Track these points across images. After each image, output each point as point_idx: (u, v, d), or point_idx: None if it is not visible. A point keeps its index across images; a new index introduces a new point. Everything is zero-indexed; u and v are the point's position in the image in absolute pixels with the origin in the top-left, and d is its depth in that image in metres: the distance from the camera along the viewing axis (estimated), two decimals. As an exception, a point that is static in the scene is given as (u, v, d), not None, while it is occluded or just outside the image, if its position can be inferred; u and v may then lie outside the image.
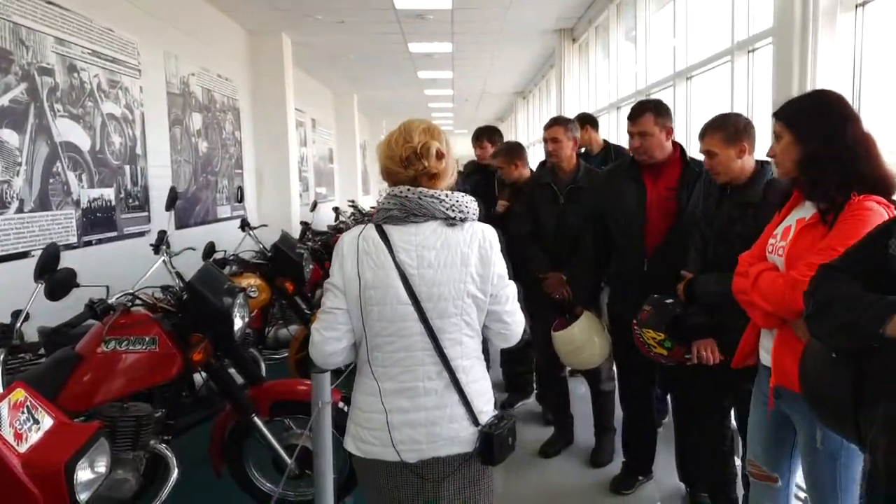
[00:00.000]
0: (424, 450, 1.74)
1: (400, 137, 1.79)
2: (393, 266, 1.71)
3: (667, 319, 2.60)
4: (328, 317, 1.76)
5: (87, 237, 4.54)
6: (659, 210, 2.96)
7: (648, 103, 3.06)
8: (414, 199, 1.73)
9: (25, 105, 3.94)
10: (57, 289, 2.22)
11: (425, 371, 1.74)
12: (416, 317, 1.71)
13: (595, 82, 8.34)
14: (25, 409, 1.57)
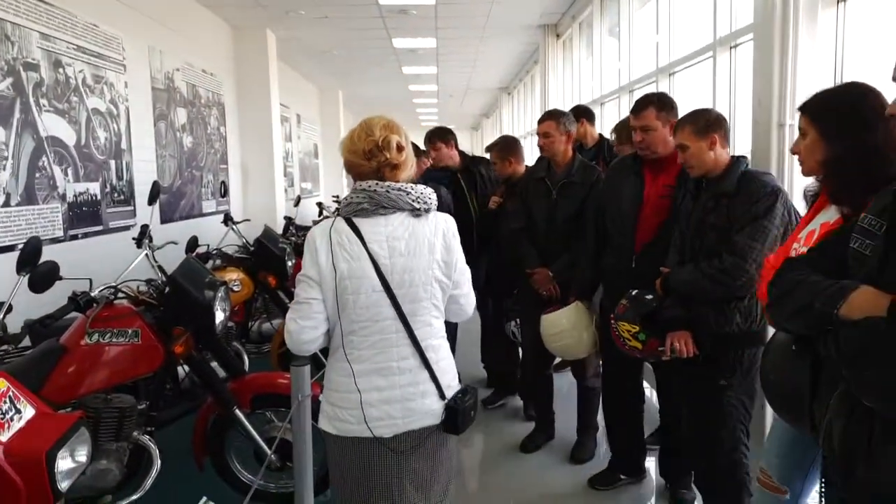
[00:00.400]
0: (399, 424, 1.89)
1: (362, 133, 1.90)
2: (367, 257, 1.83)
3: (641, 312, 2.62)
4: (304, 307, 1.85)
5: (72, 231, 4.56)
6: (653, 207, 2.91)
7: (652, 97, 2.96)
8: (382, 192, 1.85)
9: (11, 100, 3.95)
10: (40, 281, 2.25)
11: (399, 352, 1.89)
12: (389, 302, 1.85)
13: (579, 78, 8.39)
14: (7, 399, 1.60)
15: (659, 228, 2.88)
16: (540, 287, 3.52)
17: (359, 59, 10.77)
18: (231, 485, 3.07)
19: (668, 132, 2.83)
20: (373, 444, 1.89)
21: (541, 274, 3.51)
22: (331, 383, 1.94)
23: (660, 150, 2.89)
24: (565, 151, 3.51)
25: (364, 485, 1.93)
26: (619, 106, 6.50)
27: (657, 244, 2.84)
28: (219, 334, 2.94)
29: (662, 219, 2.87)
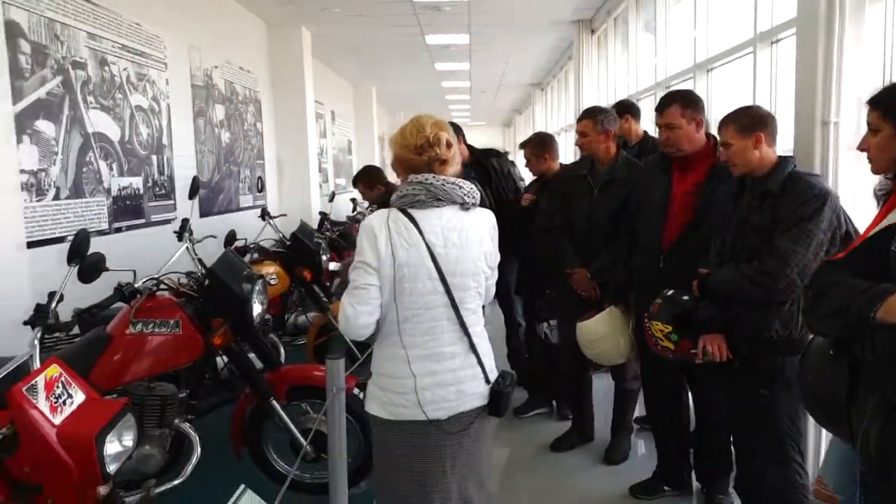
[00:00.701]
0: (453, 406, 2.00)
1: (413, 129, 2.01)
2: (424, 246, 1.92)
3: (675, 311, 2.57)
4: (362, 292, 1.92)
5: (116, 224, 4.69)
6: (680, 205, 2.85)
7: (675, 94, 2.92)
8: (438, 185, 1.96)
9: (60, 97, 4.08)
10: (88, 272, 2.34)
11: (449, 338, 1.99)
12: (443, 290, 1.95)
13: (614, 74, 8.33)
14: (60, 384, 1.68)
15: (685, 227, 2.83)
16: (579, 288, 3.46)
17: (392, 56, 10.83)
18: (267, 474, 3.13)
19: (695, 129, 2.80)
20: (428, 426, 1.98)
21: (580, 274, 3.45)
22: (383, 369, 2.01)
23: (686, 148, 2.83)
24: (606, 150, 3.43)
25: (417, 467, 2.00)
26: (655, 103, 6.43)
27: (684, 243, 2.80)
28: (256, 326, 3.00)
29: (689, 218, 2.82)
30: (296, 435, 2.98)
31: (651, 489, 3.22)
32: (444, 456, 2.02)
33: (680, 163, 2.89)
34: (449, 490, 2.04)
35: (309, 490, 3.10)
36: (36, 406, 1.55)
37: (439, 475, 2.02)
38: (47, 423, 1.56)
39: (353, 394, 2.99)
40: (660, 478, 3.23)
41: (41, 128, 3.87)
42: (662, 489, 3.21)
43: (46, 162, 3.91)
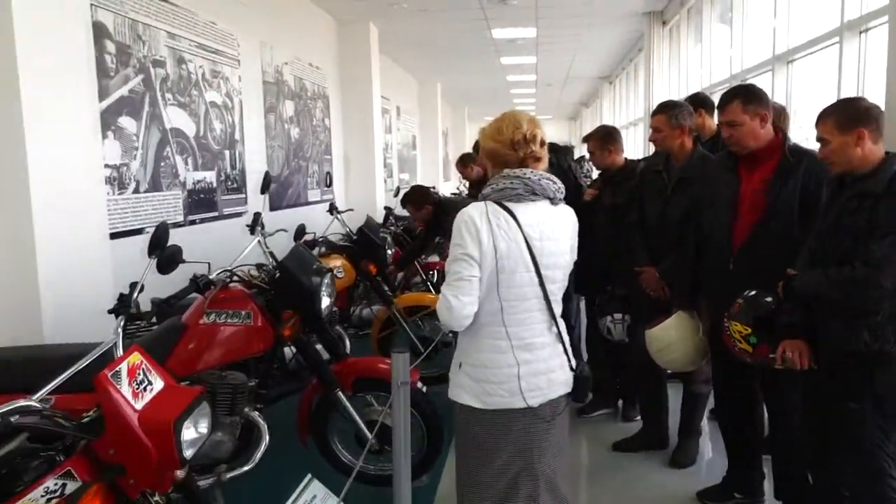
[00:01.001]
0: (546, 393, 2.07)
1: (510, 124, 2.05)
2: (522, 239, 1.97)
3: (756, 313, 2.47)
4: (465, 284, 1.95)
5: (191, 216, 4.87)
6: (749, 205, 2.74)
7: (737, 90, 2.82)
8: (535, 179, 2.01)
9: (141, 95, 4.26)
10: (166, 264, 2.44)
11: (539, 328, 2.06)
12: (537, 282, 2.01)
13: (686, 67, 8.12)
14: (141, 371, 1.74)
15: (755, 227, 2.72)
16: (648, 287, 3.38)
17: (458, 51, 10.84)
18: (331, 463, 3.19)
19: (759, 125, 2.70)
20: (523, 413, 2.04)
21: (648, 273, 3.37)
22: (477, 359, 2.05)
23: (750, 145, 2.73)
24: (681, 145, 3.32)
25: (506, 455, 2.05)
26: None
27: (754, 243, 2.71)
28: (324, 319, 3.06)
29: (758, 217, 2.71)
30: (361, 427, 3.02)
31: (721, 495, 3.12)
32: (534, 444, 2.07)
33: (747, 160, 2.79)
34: (537, 480, 2.08)
35: (372, 481, 3.15)
36: (120, 391, 1.62)
37: (528, 464, 2.07)
38: (130, 408, 1.63)
39: (417, 387, 3.03)
40: (730, 484, 3.13)
41: (123, 124, 4.05)
42: (733, 496, 3.10)
43: (128, 157, 4.09)
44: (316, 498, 2.14)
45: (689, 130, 3.34)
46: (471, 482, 2.11)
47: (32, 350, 2.68)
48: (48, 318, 2.97)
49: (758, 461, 3.09)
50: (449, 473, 3.46)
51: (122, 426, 1.60)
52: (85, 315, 3.03)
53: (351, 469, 3.10)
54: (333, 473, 3.08)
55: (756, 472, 3.09)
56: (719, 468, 3.25)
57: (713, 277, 2.92)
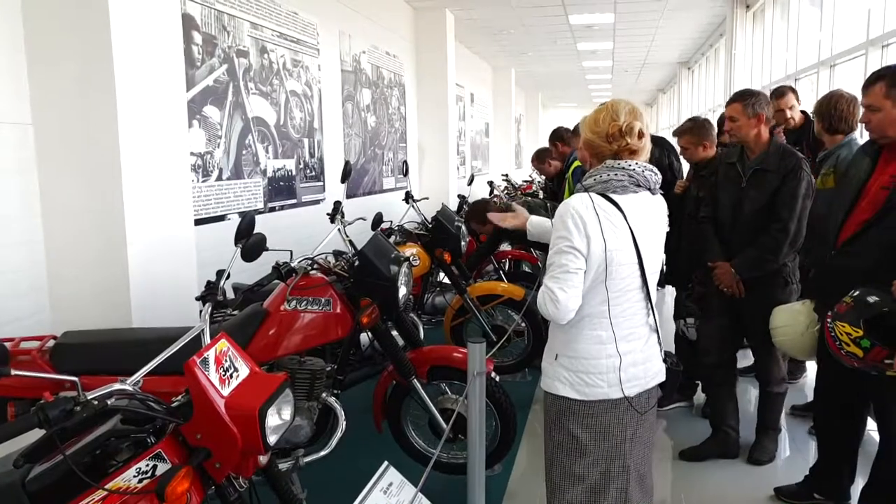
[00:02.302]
0: (644, 384, 2.08)
1: (607, 116, 2.00)
2: (628, 230, 1.96)
3: (869, 314, 2.29)
4: (572, 276, 1.93)
5: (271, 203, 4.99)
6: (871, 200, 2.55)
7: (884, 71, 2.54)
8: (639, 171, 1.98)
9: (225, 84, 4.38)
10: (251, 251, 2.48)
11: (640, 319, 2.06)
12: (639, 273, 2.00)
13: (770, 51, 7.76)
14: (228, 358, 1.78)
15: (865, 223, 2.54)
16: (721, 283, 3.27)
17: (534, 37, 10.70)
18: (404, 449, 3.22)
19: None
20: (622, 404, 2.04)
21: (722, 268, 3.26)
22: (575, 351, 2.03)
23: (889, 133, 2.51)
24: (757, 136, 3.18)
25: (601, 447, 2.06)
26: (818, 82, 5.93)
27: (857, 241, 2.54)
28: (401, 307, 3.08)
29: (872, 214, 2.52)
30: (435, 415, 3.03)
31: (800, 494, 3.04)
32: (627, 435, 2.07)
33: (890, 150, 2.56)
34: (628, 472, 2.08)
35: (445, 469, 3.16)
36: (208, 378, 1.66)
37: (621, 455, 2.07)
38: (217, 394, 1.67)
39: (492, 377, 3.01)
40: (812, 483, 3.03)
41: (208, 113, 4.17)
42: (813, 496, 3.01)
43: (212, 145, 4.21)
44: (392, 485, 2.16)
45: (766, 120, 3.18)
46: (564, 473, 2.10)
47: (126, 333, 2.79)
48: (137, 302, 3.09)
49: (850, 465, 2.96)
50: (521, 463, 3.46)
51: (209, 412, 1.64)
52: (171, 299, 3.15)
53: (422, 455, 3.15)
54: (406, 460, 3.12)
55: (845, 475, 2.96)
56: (799, 466, 3.17)
57: (816, 268, 2.84)
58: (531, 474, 3.31)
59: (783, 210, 3.08)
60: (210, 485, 1.74)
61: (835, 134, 3.43)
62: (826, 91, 5.41)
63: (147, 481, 1.57)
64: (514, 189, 9.60)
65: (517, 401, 3.28)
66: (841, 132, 3.42)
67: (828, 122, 3.43)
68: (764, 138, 3.20)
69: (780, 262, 3.14)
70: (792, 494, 3.06)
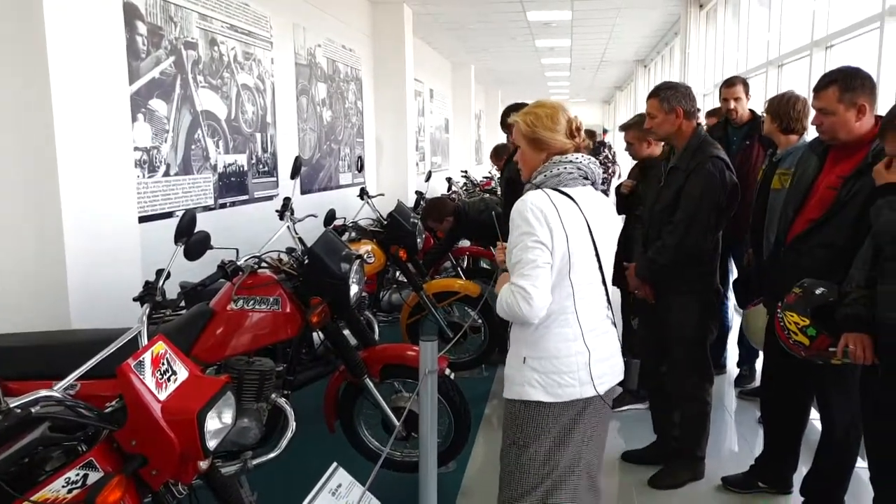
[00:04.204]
0: (611, 380, 2.08)
1: (563, 115, 2.05)
2: (584, 223, 1.96)
3: (815, 303, 2.35)
4: (540, 271, 1.87)
5: (222, 200, 4.88)
6: (819, 199, 2.59)
7: (836, 75, 2.53)
8: (586, 164, 2.02)
9: (173, 77, 4.25)
10: (194, 250, 2.41)
11: (602, 313, 2.05)
12: (598, 266, 2.01)
13: (723, 51, 7.90)
14: (165, 361, 1.73)
15: (812, 223, 2.59)
16: (630, 283, 3.17)
17: (492, 34, 10.71)
18: (358, 449, 3.19)
19: (854, 116, 2.47)
20: (592, 401, 2.02)
21: (630, 270, 3.17)
22: (544, 351, 1.98)
23: (841, 137, 2.52)
24: (678, 131, 3.02)
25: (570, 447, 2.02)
26: (766, 81, 6.05)
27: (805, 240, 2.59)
28: (353, 305, 3.04)
29: (821, 214, 2.55)
30: (388, 413, 3.01)
31: (745, 482, 3.11)
32: (598, 431, 2.08)
33: (836, 150, 2.60)
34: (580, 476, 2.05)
35: (398, 468, 3.14)
36: (143, 382, 1.61)
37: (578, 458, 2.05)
38: (153, 398, 1.61)
39: (445, 375, 3.00)
40: (757, 472, 3.10)
41: (154, 106, 4.05)
42: (758, 484, 3.09)
43: (158, 140, 4.09)
44: (341, 486, 2.12)
45: (687, 114, 3.02)
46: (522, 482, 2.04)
47: (59, 335, 2.69)
48: (75, 303, 2.98)
49: (793, 455, 3.03)
50: (475, 461, 3.45)
51: (144, 417, 1.59)
52: (113, 300, 3.05)
53: (377, 455, 3.12)
54: (360, 459, 3.10)
55: (788, 464, 3.04)
56: (746, 456, 3.25)
57: (768, 263, 2.88)
58: (486, 471, 3.31)
59: (678, 210, 2.95)
60: (147, 493, 1.68)
61: (789, 134, 3.47)
62: (774, 90, 5.54)
63: (77, 491, 1.51)
64: (473, 185, 9.60)
65: (473, 398, 3.27)
66: (796, 133, 3.47)
67: (785, 122, 3.44)
68: (686, 133, 3.03)
69: (668, 263, 2.97)
70: (738, 483, 3.13)
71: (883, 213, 2.16)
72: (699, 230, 2.93)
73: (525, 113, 2.08)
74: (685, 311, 3.02)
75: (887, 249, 2.16)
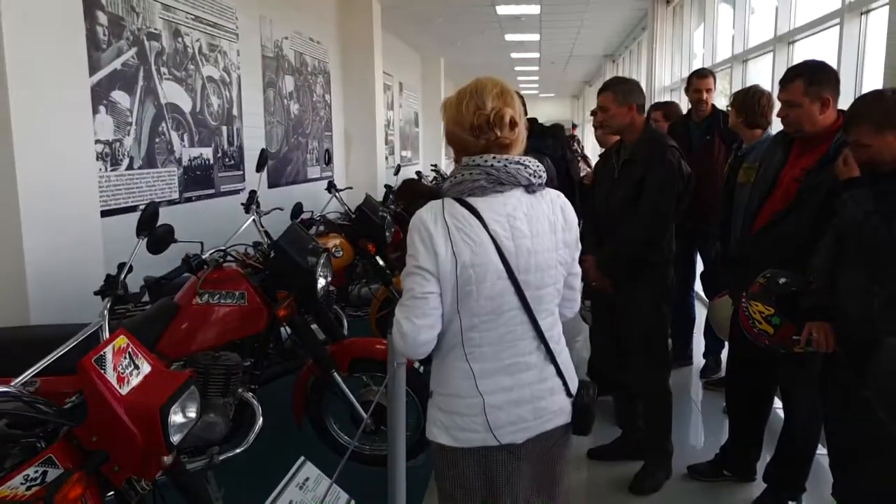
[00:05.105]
0: (532, 427, 1.70)
1: (471, 102, 1.65)
2: (489, 241, 1.61)
3: (779, 293, 2.40)
4: (420, 303, 1.61)
5: (187, 193, 4.80)
6: (784, 192, 2.63)
7: (801, 69, 2.58)
8: (500, 166, 1.63)
9: (135, 68, 4.17)
10: (157, 244, 2.39)
11: (524, 346, 1.69)
12: (514, 290, 1.64)
13: (689, 46, 8.01)
14: (127, 355, 1.70)
15: (776, 214, 2.64)
16: (588, 277, 3.07)
17: (462, 27, 10.71)
18: (327, 444, 3.18)
19: (818, 110, 2.51)
20: (501, 452, 1.70)
21: (587, 262, 3.05)
22: (447, 388, 1.71)
23: (806, 129, 2.57)
24: (630, 125, 3.01)
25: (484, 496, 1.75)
26: (732, 76, 6.15)
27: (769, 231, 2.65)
28: (320, 299, 3.02)
29: (785, 205, 2.60)
30: (356, 407, 3.00)
31: (711, 471, 3.16)
32: (519, 484, 1.74)
33: (800, 143, 2.65)
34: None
35: (367, 461, 3.13)
36: (104, 376, 1.58)
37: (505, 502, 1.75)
38: (115, 393, 1.58)
39: (414, 368, 3.00)
40: (722, 462, 3.16)
41: (116, 98, 3.97)
42: (722, 473, 3.15)
43: (121, 132, 4.01)
44: (309, 480, 2.12)
45: (639, 108, 3.03)
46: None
47: (18, 331, 2.63)
48: (35, 298, 2.92)
49: (756, 443, 3.09)
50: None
51: (105, 412, 1.56)
52: (74, 296, 2.99)
53: (345, 449, 3.10)
54: (329, 454, 3.08)
55: (752, 453, 3.10)
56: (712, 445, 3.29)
57: (734, 255, 2.90)
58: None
59: (641, 203, 2.94)
60: (109, 490, 1.66)
61: (754, 128, 3.52)
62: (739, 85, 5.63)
63: (36, 488, 1.48)
64: (443, 180, 9.60)
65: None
66: (761, 127, 3.52)
67: (751, 116, 3.47)
68: (637, 128, 3.04)
69: (633, 254, 2.98)
70: (703, 472, 3.18)
71: (847, 206, 2.21)
72: (662, 220, 2.96)
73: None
74: (645, 302, 3.04)
75: (849, 241, 2.22)
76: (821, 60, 2.61)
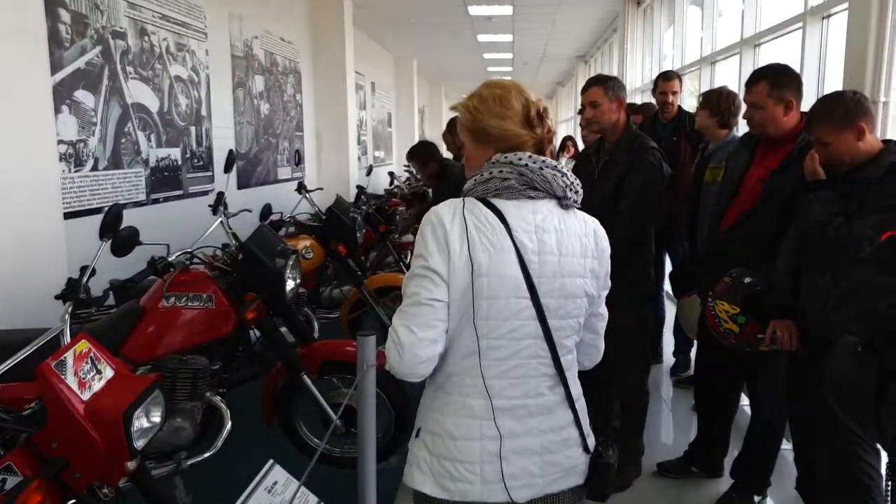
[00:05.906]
0: (539, 485, 1.42)
1: (519, 95, 1.45)
2: (512, 249, 1.37)
3: (745, 292, 2.45)
4: (425, 310, 1.35)
5: (154, 195, 4.73)
6: (749, 192, 2.68)
7: (766, 71, 2.65)
8: (536, 168, 1.41)
9: (100, 67, 4.09)
10: (121, 246, 2.35)
11: (538, 384, 1.42)
12: (534, 315, 1.39)
13: (659, 48, 8.10)
14: (89, 360, 1.68)
15: (741, 215, 2.69)
16: None
17: (434, 28, 10.71)
18: (297, 447, 3.16)
19: (782, 111, 2.56)
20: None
21: None
22: (438, 425, 1.43)
23: (770, 131, 2.62)
24: (617, 122, 3.01)
25: None
26: (700, 78, 6.24)
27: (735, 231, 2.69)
28: (289, 301, 3.00)
29: (751, 205, 2.65)
30: (326, 409, 2.99)
31: (680, 468, 3.21)
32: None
33: (765, 144, 2.69)
34: None
35: (338, 464, 3.12)
36: (64, 381, 1.56)
37: None
38: (75, 398, 1.56)
39: (384, 370, 2.98)
40: (691, 458, 3.21)
41: (80, 98, 3.89)
42: (691, 469, 3.19)
43: (85, 133, 3.94)
44: (277, 483, 2.09)
45: (623, 105, 3.04)
46: None
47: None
48: (-4, 301, 2.86)
49: (724, 440, 3.15)
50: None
51: (65, 418, 1.54)
52: (34, 300, 2.92)
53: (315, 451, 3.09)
54: (299, 458, 3.05)
55: (719, 449, 3.15)
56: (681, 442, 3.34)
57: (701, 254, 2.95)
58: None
59: (622, 202, 2.91)
60: (71, 497, 1.63)
61: (724, 129, 3.58)
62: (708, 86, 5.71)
63: (-6, 497, 1.45)
64: (416, 180, 9.59)
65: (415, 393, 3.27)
66: (728, 127, 3.58)
67: (725, 117, 3.52)
68: (622, 125, 3.04)
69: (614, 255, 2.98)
70: (672, 469, 3.23)
71: (812, 207, 2.25)
72: (644, 221, 2.97)
73: (470, 96, 1.52)
74: (627, 304, 2.98)
75: (812, 242, 2.26)
76: (784, 64, 2.68)
